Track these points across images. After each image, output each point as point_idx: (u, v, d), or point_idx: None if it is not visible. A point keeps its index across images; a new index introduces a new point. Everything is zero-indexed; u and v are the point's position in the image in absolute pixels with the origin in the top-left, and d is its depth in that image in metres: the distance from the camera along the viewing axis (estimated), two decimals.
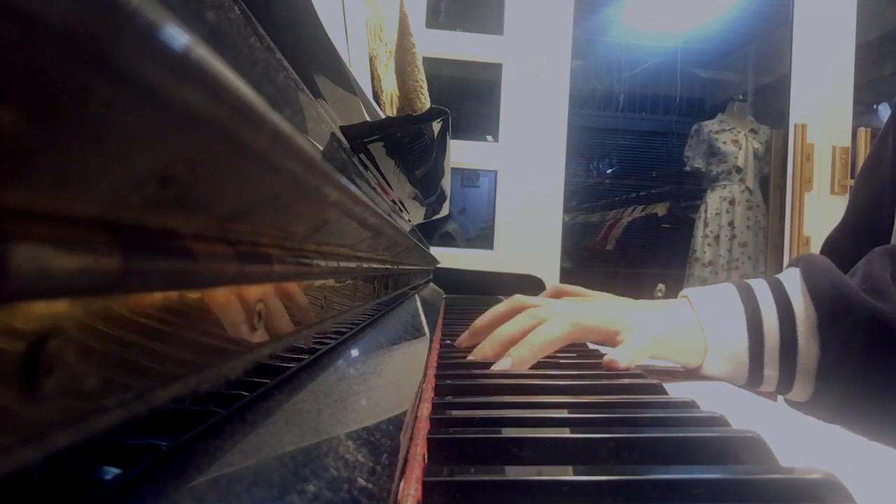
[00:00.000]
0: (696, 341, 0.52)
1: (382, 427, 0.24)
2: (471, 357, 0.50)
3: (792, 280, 0.52)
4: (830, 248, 0.81)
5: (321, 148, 0.29)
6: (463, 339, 0.55)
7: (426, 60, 1.32)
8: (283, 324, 0.23)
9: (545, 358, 0.49)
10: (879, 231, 0.70)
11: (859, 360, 0.47)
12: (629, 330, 0.51)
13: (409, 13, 1.23)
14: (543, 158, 1.88)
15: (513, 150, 1.87)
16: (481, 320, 0.55)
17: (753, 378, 0.51)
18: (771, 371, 0.51)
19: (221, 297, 0.17)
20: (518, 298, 0.56)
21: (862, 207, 0.78)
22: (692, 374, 0.54)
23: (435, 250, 1.59)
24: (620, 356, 0.48)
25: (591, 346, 0.61)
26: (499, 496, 0.22)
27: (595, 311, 0.53)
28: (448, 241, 2.55)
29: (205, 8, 0.16)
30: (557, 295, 0.86)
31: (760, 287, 0.53)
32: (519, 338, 0.50)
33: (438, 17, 2.36)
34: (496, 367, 0.46)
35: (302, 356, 0.27)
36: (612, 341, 0.51)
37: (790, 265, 0.55)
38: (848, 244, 0.77)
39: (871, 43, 3.04)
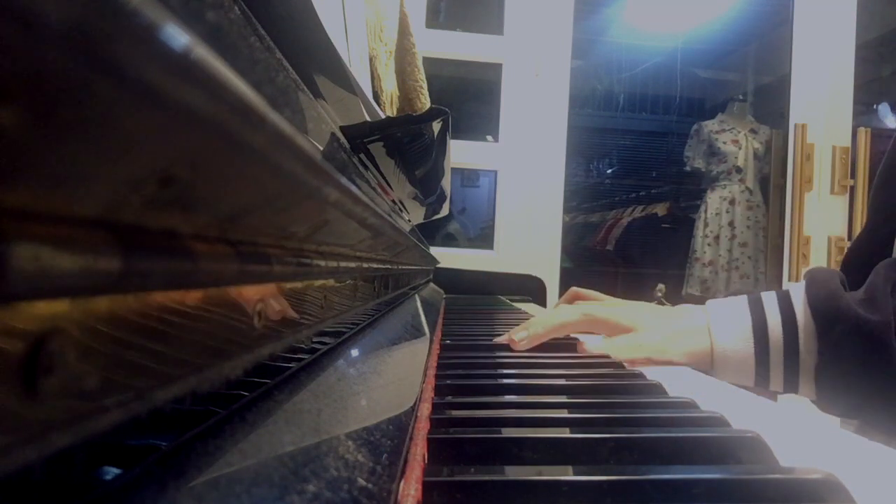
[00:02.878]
0: (702, 342, 0.56)
1: (382, 427, 0.24)
2: (517, 338, 0.55)
3: (797, 291, 0.57)
4: (854, 255, 0.82)
5: (321, 148, 0.29)
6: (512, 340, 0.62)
7: (426, 60, 1.32)
8: (283, 324, 0.23)
9: (546, 358, 0.49)
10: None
11: (850, 368, 0.52)
12: (639, 329, 0.56)
13: (409, 13, 1.23)
14: (543, 158, 1.88)
15: (513, 150, 1.87)
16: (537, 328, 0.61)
17: (760, 380, 0.56)
18: (777, 373, 0.55)
19: (221, 297, 0.17)
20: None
21: (881, 214, 0.78)
22: (695, 374, 0.54)
23: (435, 250, 1.59)
24: (615, 347, 0.53)
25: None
26: (499, 496, 0.22)
27: (610, 307, 0.59)
28: (448, 241, 2.55)
29: (205, 8, 0.16)
30: (573, 299, 0.89)
31: (770, 298, 0.58)
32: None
33: (438, 17, 2.36)
34: (511, 334, 0.52)
35: (302, 356, 0.27)
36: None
37: (803, 278, 0.60)
38: (873, 251, 0.78)
39: (871, 43, 3.04)
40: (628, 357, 0.53)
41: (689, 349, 0.56)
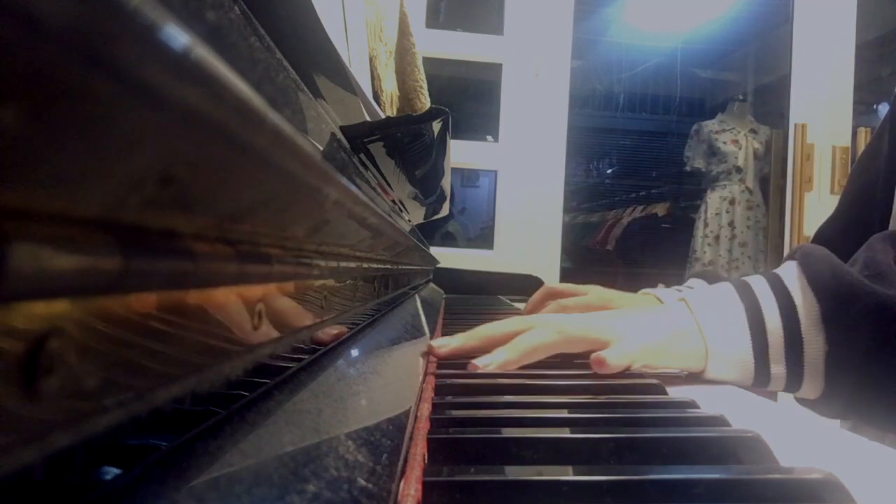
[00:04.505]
0: (696, 344, 0.50)
1: (382, 427, 0.24)
2: (437, 344, 0.49)
3: (790, 273, 0.51)
4: (821, 241, 0.81)
5: (321, 148, 0.29)
6: (443, 347, 0.54)
7: (426, 60, 1.32)
8: (283, 324, 0.23)
9: (547, 358, 0.49)
10: (869, 225, 0.69)
11: (867, 349, 0.46)
12: (619, 339, 0.49)
13: (409, 13, 1.23)
14: (543, 158, 1.88)
15: (513, 150, 1.87)
16: (470, 339, 0.52)
17: (760, 378, 0.50)
18: (778, 370, 0.49)
19: (221, 297, 0.17)
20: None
21: (854, 202, 0.79)
22: (695, 377, 0.54)
23: (435, 250, 1.59)
24: (608, 354, 0.46)
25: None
26: (499, 496, 0.22)
27: (585, 320, 0.51)
28: (448, 240, 2.55)
29: (205, 8, 0.16)
30: (548, 296, 0.84)
31: (759, 283, 0.52)
32: (500, 339, 0.49)
33: (438, 17, 2.36)
34: (478, 362, 0.45)
35: (302, 356, 0.27)
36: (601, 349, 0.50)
37: (787, 258, 0.53)
38: (837, 237, 0.77)
39: (871, 43, 3.04)
40: (622, 365, 0.47)
41: (684, 353, 0.50)
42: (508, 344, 0.47)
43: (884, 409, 0.47)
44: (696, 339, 0.50)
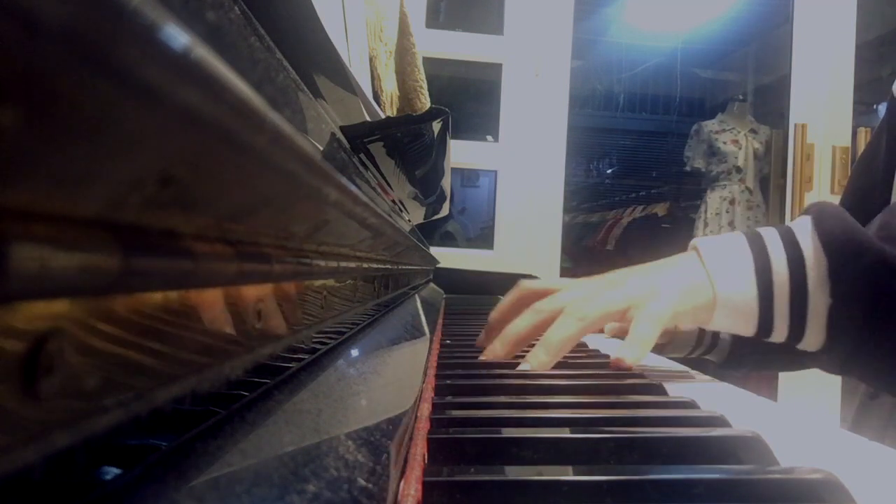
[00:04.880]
0: (706, 296, 0.50)
1: (382, 427, 0.24)
2: (482, 358, 0.50)
3: (803, 227, 0.51)
4: None
5: (321, 148, 0.29)
6: (481, 339, 0.56)
7: (426, 60, 1.32)
8: (283, 324, 0.23)
9: None
10: (868, 220, 0.70)
11: (870, 304, 0.46)
12: (637, 305, 0.50)
13: (409, 13, 1.23)
14: (543, 158, 1.87)
15: (513, 150, 1.87)
16: (493, 317, 0.55)
17: (763, 327, 0.50)
18: (781, 320, 0.49)
19: (221, 297, 0.17)
20: (523, 286, 0.56)
21: (854, 200, 0.79)
22: (695, 374, 0.54)
23: (435, 250, 1.59)
24: (627, 353, 0.47)
25: (591, 346, 0.61)
26: (499, 496, 0.22)
27: (599, 294, 0.51)
28: (448, 240, 2.55)
29: (205, 8, 0.16)
30: (521, 301, 0.81)
31: (770, 235, 0.52)
32: (526, 335, 0.50)
33: (438, 17, 2.36)
34: (519, 370, 0.47)
35: (302, 356, 0.27)
36: (622, 320, 0.51)
37: (802, 213, 0.53)
38: None
39: (871, 43, 3.04)
40: (644, 355, 0.48)
41: (695, 307, 0.50)
42: (539, 345, 0.48)
43: (882, 365, 0.47)
44: (706, 290, 0.50)
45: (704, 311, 0.50)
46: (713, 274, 0.50)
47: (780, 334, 0.50)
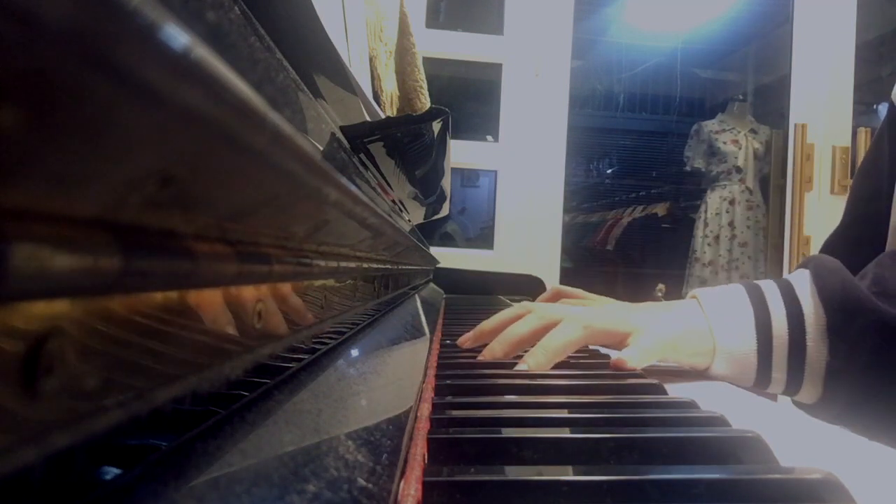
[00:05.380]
0: (705, 343, 0.52)
1: (382, 427, 0.24)
2: (480, 357, 0.51)
3: (802, 282, 0.52)
4: (830, 250, 0.81)
5: (321, 148, 0.29)
6: (466, 339, 0.55)
7: (426, 60, 1.32)
8: (283, 324, 0.23)
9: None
10: (877, 230, 0.70)
11: (867, 364, 0.47)
12: (639, 332, 0.51)
13: (409, 13, 1.23)
14: (543, 158, 1.87)
15: (513, 150, 1.87)
16: (488, 323, 0.55)
17: (761, 380, 0.52)
18: (779, 373, 0.51)
19: (221, 297, 0.17)
20: (524, 305, 0.56)
21: (859, 207, 0.79)
22: (695, 374, 0.54)
23: (435, 250, 1.59)
24: (629, 355, 0.48)
25: (592, 346, 0.61)
26: (499, 496, 0.22)
27: (605, 313, 0.53)
28: (448, 241, 2.55)
29: (205, 8, 0.16)
30: (556, 296, 0.85)
31: (770, 289, 0.53)
32: (528, 338, 0.51)
33: (438, 17, 2.36)
34: (516, 370, 0.47)
35: (302, 356, 0.27)
36: (621, 344, 0.52)
37: (800, 266, 0.55)
38: (849, 244, 0.78)
39: (871, 43, 3.04)
40: (643, 365, 0.49)
41: (694, 350, 0.52)
42: (538, 346, 0.49)
43: (877, 419, 0.49)
44: (706, 337, 0.52)
45: (702, 357, 0.52)
46: (714, 324, 0.52)
47: (777, 386, 0.52)
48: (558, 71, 1.89)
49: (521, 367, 0.47)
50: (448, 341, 0.58)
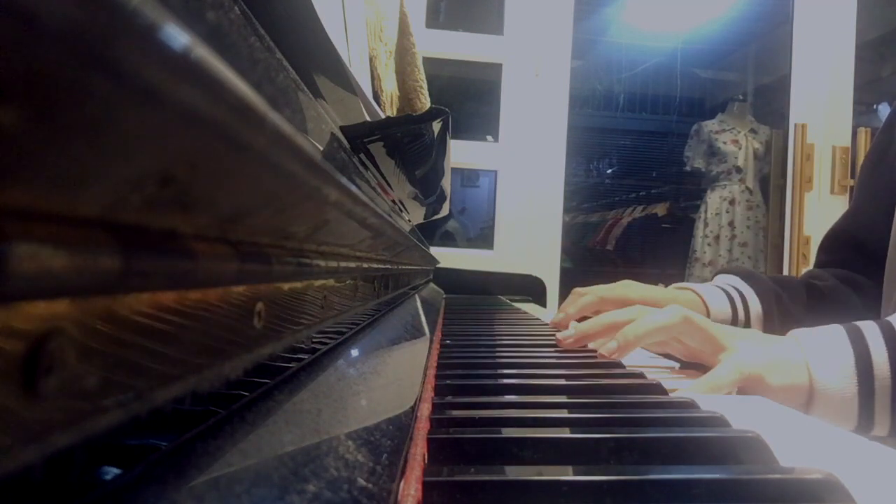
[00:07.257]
0: (800, 379, 0.50)
1: (382, 427, 0.24)
2: (563, 335, 0.53)
3: None
4: (838, 234, 0.81)
5: (321, 148, 0.29)
6: (567, 338, 0.57)
7: (426, 60, 1.32)
8: (283, 324, 0.23)
9: (546, 358, 0.49)
10: (888, 221, 0.70)
11: None
12: (734, 349, 0.50)
13: (409, 13, 1.23)
14: (543, 158, 1.87)
15: (513, 150, 1.87)
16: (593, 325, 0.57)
17: (864, 423, 0.50)
18: (882, 417, 0.50)
19: (221, 297, 0.17)
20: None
21: (868, 193, 0.79)
22: (695, 375, 0.54)
23: (435, 250, 1.59)
24: (698, 388, 0.47)
25: (591, 344, 0.61)
26: (499, 496, 0.22)
27: (707, 321, 0.53)
28: (448, 240, 2.55)
29: (205, 8, 0.16)
30: (601, 304, 0.79)
31: (871, 331, 0.52)
32: (622, 325, 0.52)
33: (438, 17, 2.36)
34: (603, 350, 0.48)
35: (302, 356, 0.27)
36: (712, 354, 0.51)
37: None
38: (858, 229, 0.78)
39: (871, 43, 3.04)
40: (731, 384, 0.48)
41: (786, 382, 0.50)
42: (633, 323, 0.50)
43: None
44: (801, 372, 0.50)
45: (795, 392, 0.50)
46: (811, 363, 0.51)
47: (882, 429, 0.50)
48: (558, 71, 1.89)
49: (610, 345, 0.49)
50: (448, 341, 0.58)
